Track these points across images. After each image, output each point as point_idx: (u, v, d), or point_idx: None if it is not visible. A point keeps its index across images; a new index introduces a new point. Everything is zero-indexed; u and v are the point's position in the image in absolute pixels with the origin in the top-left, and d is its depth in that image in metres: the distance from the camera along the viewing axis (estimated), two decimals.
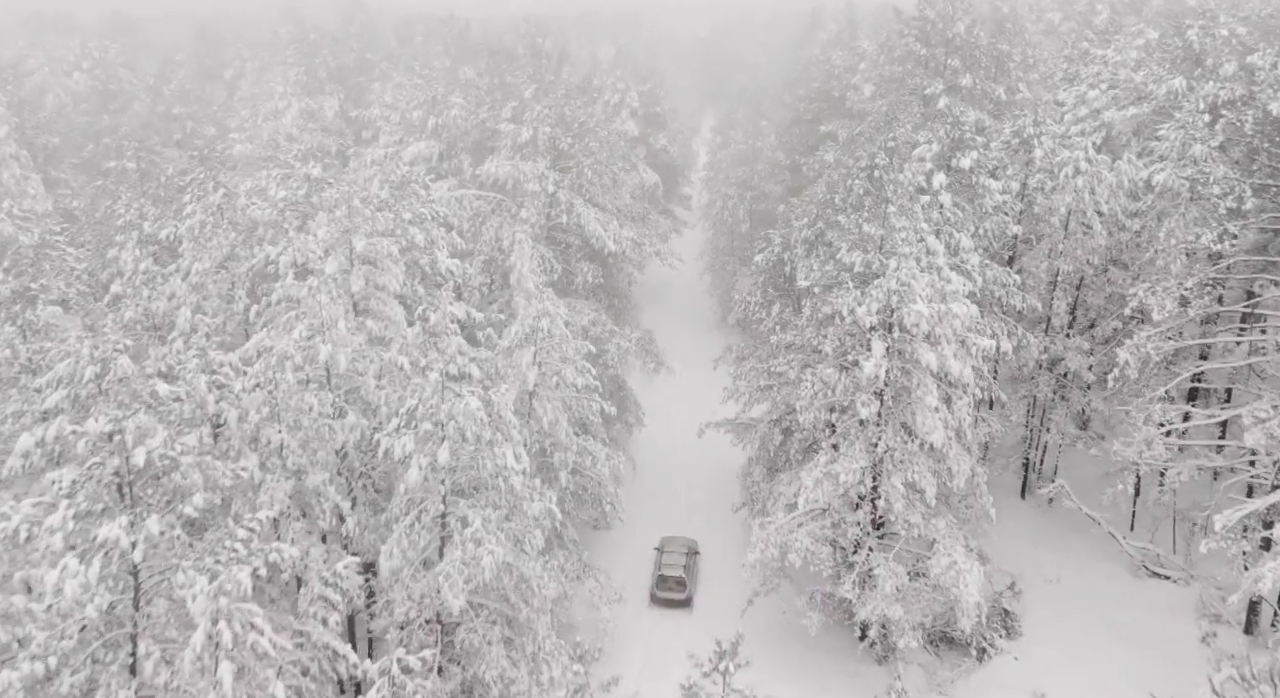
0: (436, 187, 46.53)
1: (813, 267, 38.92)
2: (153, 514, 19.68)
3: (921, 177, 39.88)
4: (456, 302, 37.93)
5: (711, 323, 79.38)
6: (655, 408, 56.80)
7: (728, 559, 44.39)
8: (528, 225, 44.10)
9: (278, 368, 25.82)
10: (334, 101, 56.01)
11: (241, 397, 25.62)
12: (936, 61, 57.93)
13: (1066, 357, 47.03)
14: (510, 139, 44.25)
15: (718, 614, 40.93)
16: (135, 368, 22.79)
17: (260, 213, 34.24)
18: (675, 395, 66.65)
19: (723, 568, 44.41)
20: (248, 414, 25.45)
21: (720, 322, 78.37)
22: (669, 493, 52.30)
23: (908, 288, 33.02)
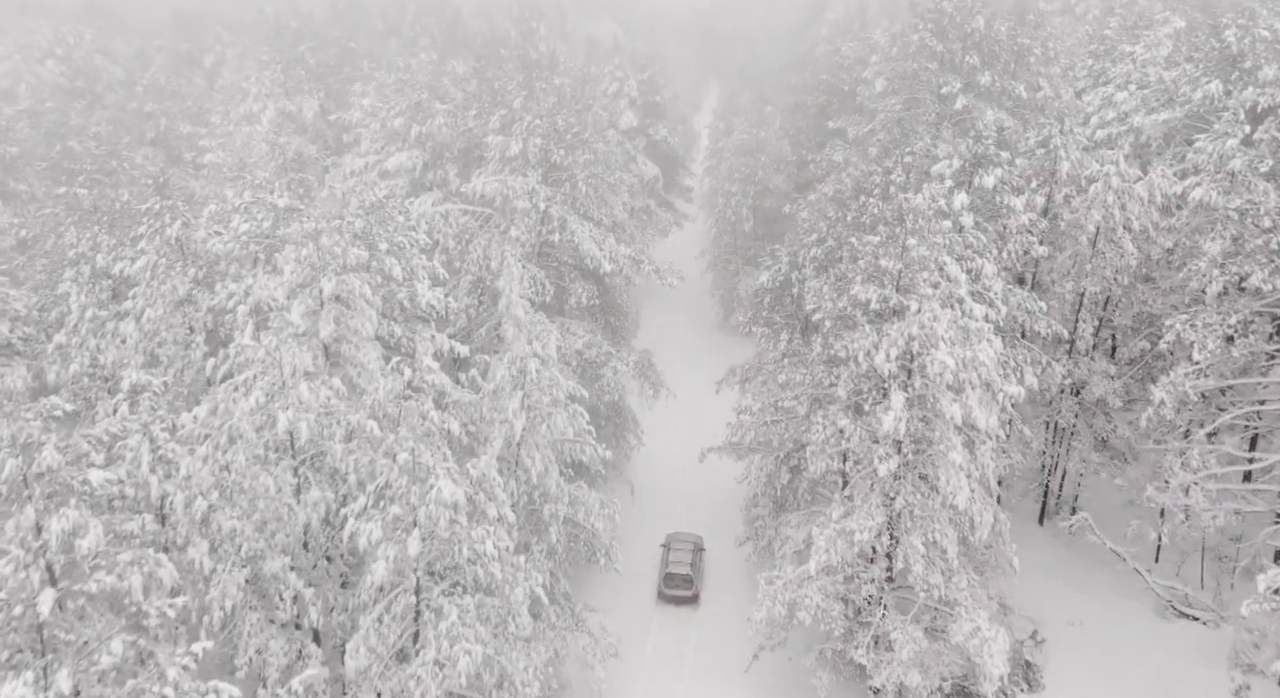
0: (421, 200, 43.50)
1: (824, 294, 35.97)
2: (63, 668, 16.92)
3: (942, 199, 36.83)
4: (439, 335, 35.20)
5: (713, 322, 76.49)
6: (656, 422, 54.07)
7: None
8: (517, 244, 41.08)
9: (228, 446, 22.99)
10: (314, 102, 52.76)
11: (190, 478, 22.81)
12: (953, 58, 54.69)
13: (1091, 381, 44.22)
14: (499, 152, 41.12)
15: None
16: (62, 458, 19.90)
17: (222, 246, 31.27)
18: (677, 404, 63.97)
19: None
20: (195, 499, 22.65)
21: (723, 322, 75.48)
22: (670, 518, 49.57)
23: (930, 333, 30.11)
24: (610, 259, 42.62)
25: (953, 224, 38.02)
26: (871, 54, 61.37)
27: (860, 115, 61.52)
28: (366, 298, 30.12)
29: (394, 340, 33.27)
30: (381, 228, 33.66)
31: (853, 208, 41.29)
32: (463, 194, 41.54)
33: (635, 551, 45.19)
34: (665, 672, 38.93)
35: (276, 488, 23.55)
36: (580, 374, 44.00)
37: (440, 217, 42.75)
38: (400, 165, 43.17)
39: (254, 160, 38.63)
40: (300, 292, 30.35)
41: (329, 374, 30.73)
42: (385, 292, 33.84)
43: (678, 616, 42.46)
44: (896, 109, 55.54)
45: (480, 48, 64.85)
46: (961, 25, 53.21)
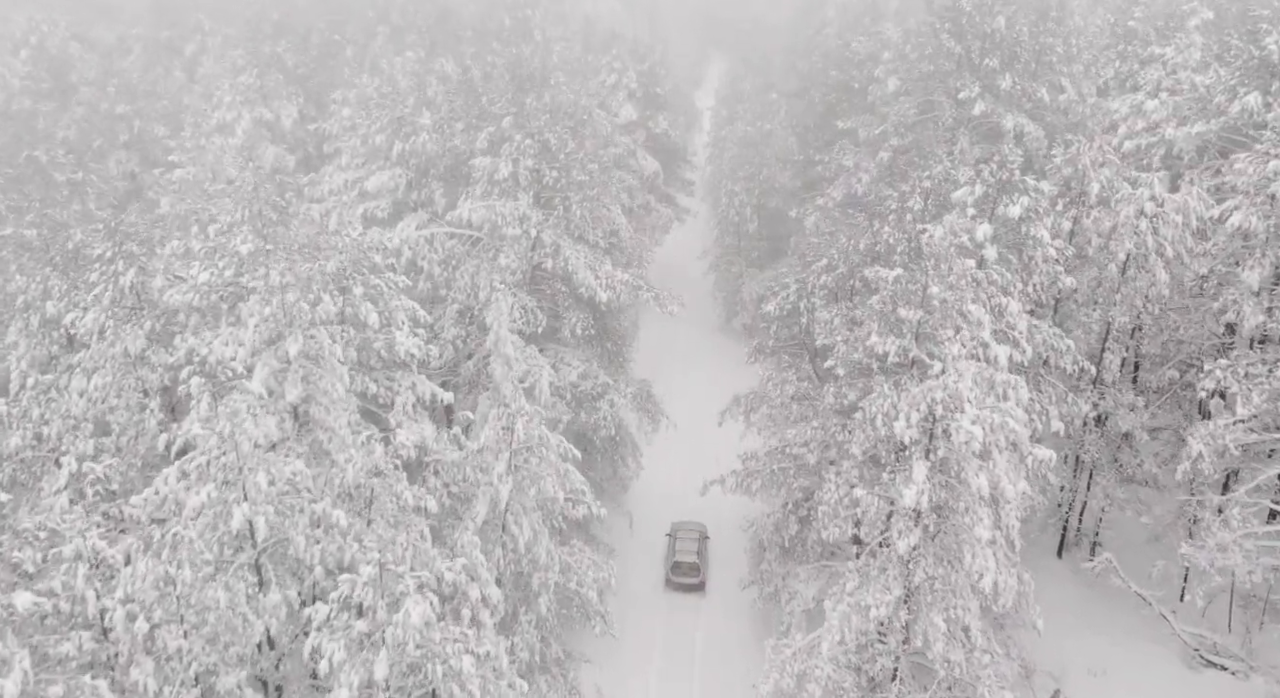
0: (404, 223, 40.72)
1: (835, 329, 33.35)
2: None
3: (965, 236, 34.08)
4: (421, 381, 32.65)
5: (716, 324, 73.84)
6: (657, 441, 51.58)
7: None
8: (507, 272, 38.38)
9: (172, 557, 20.46)
10: (292, 108, 49.59)
11: (133, 593, 20.32)
12: (971, 59, 51.59)
13: (1116, 413, 41.64)
14: (486, 174, 38.28)
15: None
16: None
17: (181, 297, 28.56)
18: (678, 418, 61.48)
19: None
20: (137, 617, 20.17)
21: (725, 324, 72.89)
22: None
23: (954, 394, 27.46)
24: (607, 286, 39.89)
25: (975, 259, 35.30)
26: (884, 50, 58.19)
27: (871, 115, 58.45)
28: (338, 356, 27.46)
29: (370, 393, 30.64)
30: (356, 270, 30.92)
31: (866, 234, 38.49)
32: (450, 216, 38.68)
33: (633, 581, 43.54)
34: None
35: (229, 600, 21.02)
36: (576, 407, 41.52)
37: (425, 241, 40.00)
38: (381, 185, 40.29)
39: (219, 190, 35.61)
40: (264, 350, 27.74)
41: (297, 439, 28.22)
42: (361, 340, 31.21)
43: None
44: (910, 113, 52.53)
45: (472, 39, 61.70)
46: (981, 24, 50.08)
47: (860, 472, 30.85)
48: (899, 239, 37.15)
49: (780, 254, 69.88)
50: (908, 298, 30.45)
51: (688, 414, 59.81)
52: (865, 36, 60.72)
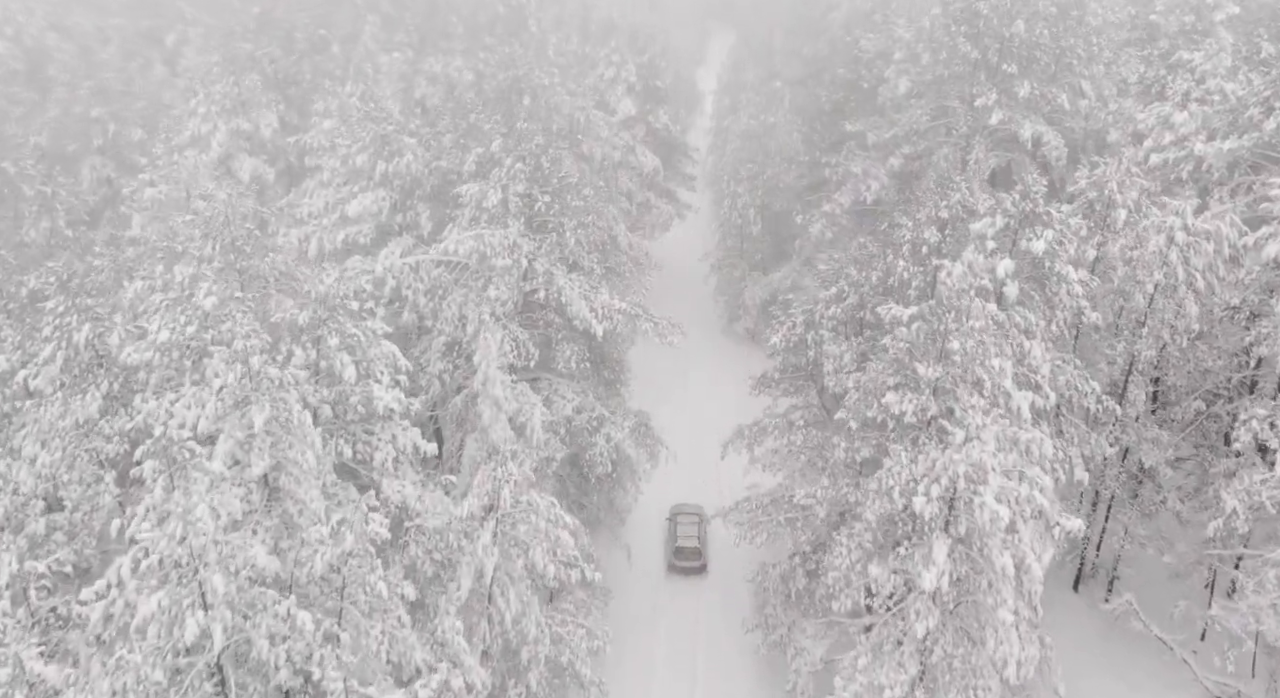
0: (388, 251, 38.35)
1: (848, 388, 31.09)
2: None
3: (986, 277, 31.78)
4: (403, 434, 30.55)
5: (717, 327, 71.43)
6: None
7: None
8: (497, 304, 36.10)
9: (118, 682, 18.39)
10: (272, 116, 46.93)
11: None
12: (988, 64, 48.98)
13: (1140, 449, 39.53)
14: (474, 202, 35.88)
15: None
16: None
17: (139, 357, 26.36)
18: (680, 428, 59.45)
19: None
20: None
21: (727, 326, 70.50)
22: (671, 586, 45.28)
23: (978, 464, 25.32)
24: (603, 317, 37.59)
25: (995, 297, 33.06)
26: (894, 49, 55.49)
27: (880, 117, 55.85)
28: (309, 423, 25.28)
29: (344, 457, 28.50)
30: (331, 318, 28.68)
31: (878, 266, 36.18)
32: (434, 248, 36.33)
33: None
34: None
35: None
36: (571, 441, 39.41)
37: (409, 269, 37.69)
38: (364, 210, 37.87)
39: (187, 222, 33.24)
40: (230, 414, 25.56)
41: (265, 510, 26.11)
42: (336, 393, 29.03)
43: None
44: (923, 120, 49.97)
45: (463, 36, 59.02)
46: (999, 28, 47.41)
47: (874, 535, 28.79)
48: (914, 273, 34.87)
49: (785, 256, 67.55)
50: (925, 352, 28.26)
51: (689, 428, 57.77)
52: (875, 33, 57.90)
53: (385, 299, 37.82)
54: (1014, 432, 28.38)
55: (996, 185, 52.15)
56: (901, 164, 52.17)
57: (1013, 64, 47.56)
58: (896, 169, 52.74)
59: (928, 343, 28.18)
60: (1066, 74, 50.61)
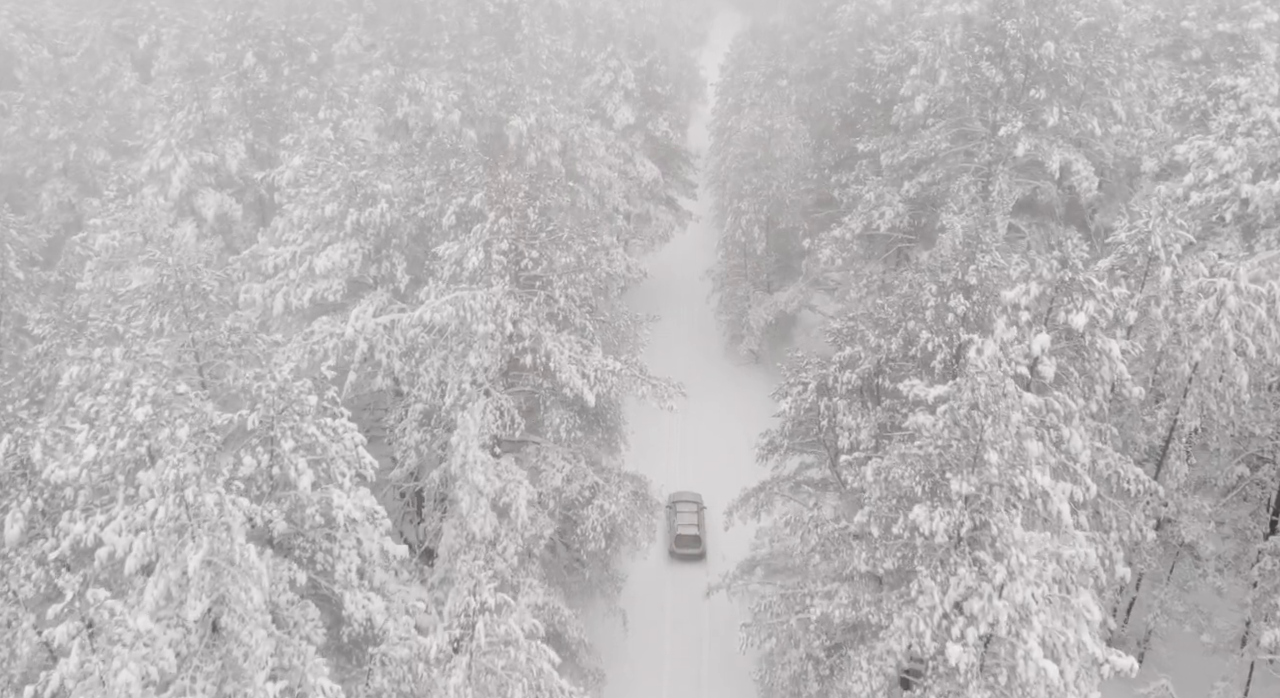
0: (360, 309, 34.94)
1: (870, 490, 27.81)
2: None
3: (1021, 361, 28.45)
4: (369, 541, 27.38)
5: (720, 346, 67.96)
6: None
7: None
8: (479, 371, 32.84)
9: None
10: (240, 145, 43.10)
11: None
12: (1013, 86, 45.33)
13: (1180, 521, 36.43)
14: (453, 261, 32.46)
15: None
16: None
17: (64, 473, 23.14)
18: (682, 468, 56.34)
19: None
20: None
21: (729, 346, 66.99)
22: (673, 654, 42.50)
23: (1021, 607, 22.15)
24: (597, 380, 34.29)
25: (1028, 372, 29.74)
26: (910, 63, 51.76)
27: (894, 134, 52.23)
28: (252, 559, 22.09)
29: (299, 585, 25.31)
30: (286, 417, 25.44)
31: (899, 333, 32.84)
32: (406, 318, 32.96)
33: None
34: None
35: None
36: (561, 516, 36.29)
37: (383, 330, 34.37)
38: (333, 265, 34.40)
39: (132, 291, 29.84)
40: (165, 545, 22.36)
41: (205, 654, 22.96)
42: (292, 500, 25.83)
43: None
44: (942, 144, 46.36)
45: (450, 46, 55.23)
46: (1026, 49, 43.72)
47: (898, 661, 25.67)
48: (938, 344, 31.55)
49: (791, 272, 64.02)
50: (958, 459, 25.01)
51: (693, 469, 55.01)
52: (889, 44, 54.08)
53: (356, 363, 34.54)
54: (1056, 546, 25.24)
55: (1021, 213, 48.74)
56: (918, 191, 48.60)
57: (1041, 88, 43.90)
58: (912, 195, 49.20)
59: (960, 448, 24.90)
60: (1096, 93, 46.92)
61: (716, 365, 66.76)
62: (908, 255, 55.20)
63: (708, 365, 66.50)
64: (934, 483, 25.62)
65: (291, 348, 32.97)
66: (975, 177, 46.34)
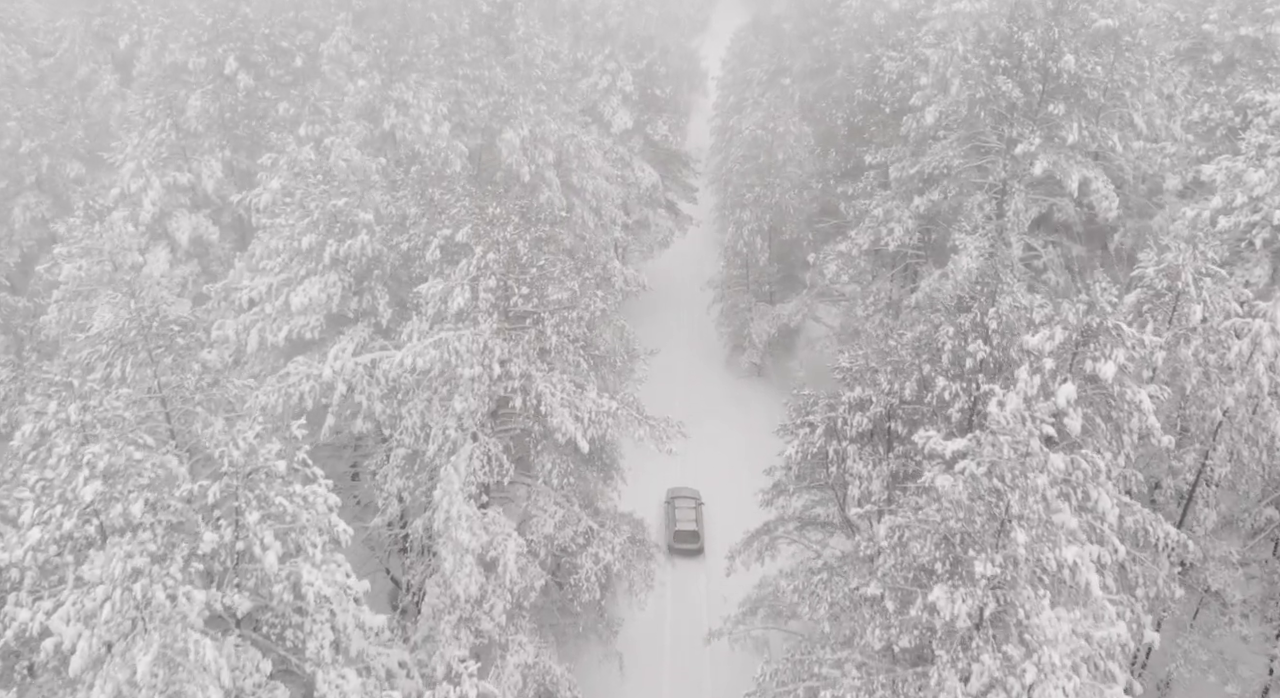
0: (339, 347, 32.91)
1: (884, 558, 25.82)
2: None
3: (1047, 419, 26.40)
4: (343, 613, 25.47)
5: (721, 357, 65.87)
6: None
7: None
8: (465, 416, 30.85)
9: None
10: (216, 164, 40.73)
11: None
12: (1030, 100, 43.14)
13: (1205, 568, 34.54)
14: (437, 300, 30.42)
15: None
16: None
17: (7, 556, 21.21)
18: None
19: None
20: None
21: (730, 357, 64.94)
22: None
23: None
24: (591, 421, 32.28)
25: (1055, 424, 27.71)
26: (920, 72, 49.54)
27: (903, 146, 50.09)
28: (208, 658, 20.14)
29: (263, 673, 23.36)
30: (251, 485, 23.47)
31: (913, 377, 30.82)
32: (385, 364, 30.93)
33: None
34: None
35: None
36: (553, 565, 34.38)
37: (364, 370, 32.35)
38: (311, 300, 32.31)
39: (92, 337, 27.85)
40: (114, 638, 20.43)
41: None
42: (258, 575, 23.87)
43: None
44: (955, 163, 44.19)
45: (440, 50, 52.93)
46: (1045, 62, 41.51)
47: None
48: (956, 393, 29.55)
49: (794, 282, 61.95)
50: (981, 535, 23.04)
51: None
52: (898, 51, 51.80)
53: (335, 406, 32.53)
54: (1087, 627, 23.35)
55: (1036, 230, 46.59)
56: (928, 207, 46.48)
57: (1059, 104, 41.72)
58: (922, 212, 47.07)
59: (983, 523, 22.93)
60: (1116, 104, 44.76)
61: (717, 377, 64.72)
62: (917, 271, 53.14)
63: (708, 378, 64.47)
64: (954, 559, 23.67)
65: (266, 391, 30.97)
66: (989, 194, 44.19)
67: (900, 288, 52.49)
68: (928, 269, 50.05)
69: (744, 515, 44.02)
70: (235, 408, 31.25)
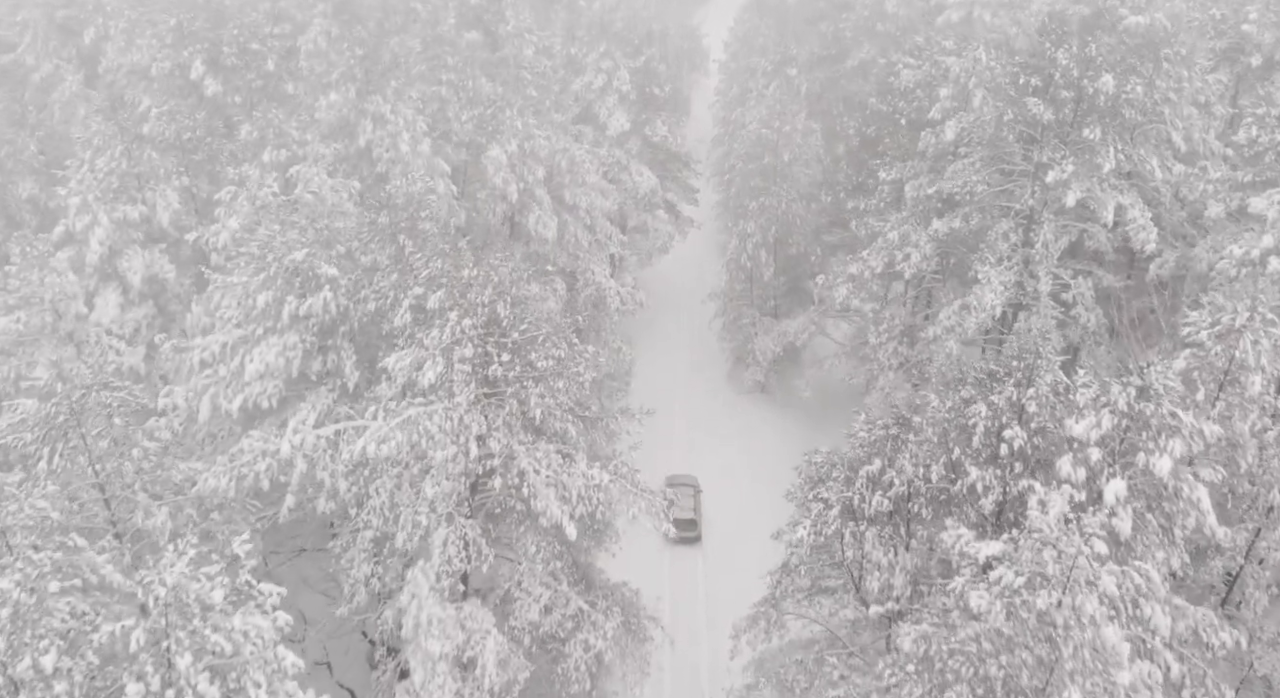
0: (299, 417, 29.68)
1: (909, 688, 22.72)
2: None
3: (1097, 529, 23.19)
4: None
5: (722, 371, 62.46)
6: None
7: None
8: (439, 500, 27.69)
9: None
10: (172, 194, 36.96)
11: None
12: (1062, 121, 39.54)
13: (1254, 651, 31.49)
14: (405, 373, 27.11)
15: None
16: None
17: None
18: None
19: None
20: None
21: (732, 371, 61.56)
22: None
23: None
24: (580, 499, 29.09)
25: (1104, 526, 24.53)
26: (940, 80, 45.84)
27: (920, 160, 46.49)
28: None
29: None
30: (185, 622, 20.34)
31: (940, 459, 27.57)
32: (347, 452, 27.66)
33: None
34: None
35: None
36: (539, 653, 31.29)
37: (326, 444, 29.11)
38: (267, 367, 28.97)
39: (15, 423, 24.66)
40: None
41: None
42: None
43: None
44: (979, 189, 40.65)
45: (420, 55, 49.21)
46: (1079, 82, 37.85)
47: None
48: (989, 484, 26.33)
49: (801, 296, 58.39)
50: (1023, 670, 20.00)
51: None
52: (918, 59, 47.95)
53: (294, 485, 29.30)
54: None
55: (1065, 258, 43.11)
56: (949, 232, 43.03)
57: (1095, 126, 38.09)
58: (941, 235, 43.61)
59: (1028, 674, 19.84)
60: (1154, 121, 41.19)
61: (719, 394, 61.39)
62: (931, 291, 49.76)
63: (709, 393, 61.17)
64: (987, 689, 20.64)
65: (215, 472, 27.72)
66: (1015, 222, 40.74)
67: (915, 313, 49.11)
68: (945, 294, 46.70)
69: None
70: (184, 490, 28.24)
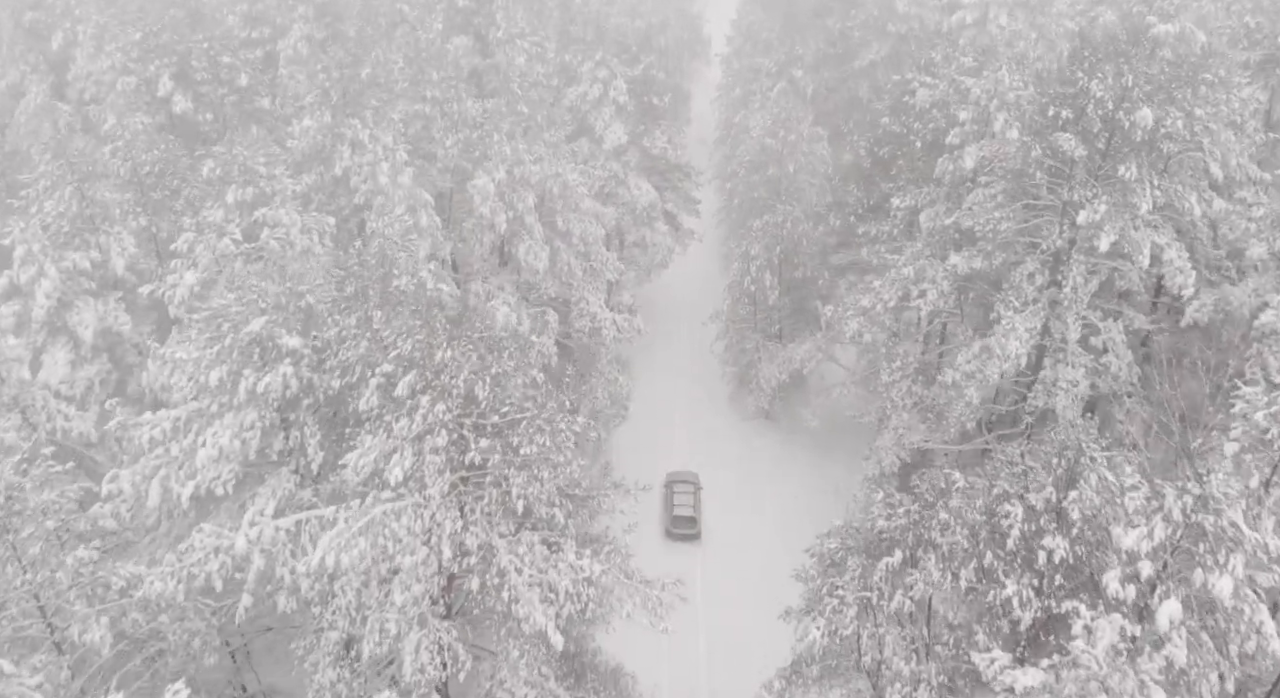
0: (256, 506, 26.84)
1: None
2: None
3: (1151, 671, 20.44)
4: None
5: (724, 397, 59.59)
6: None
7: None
8: (410, 604, 24.93)
9: None
10: (128, 238, 33.79)
11: None
12: (1093, 155, 36.45)
13: None
14: (371, 471, 24.26)
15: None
16: None
17: None
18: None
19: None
20: None
21: (735, 393, 58.68)
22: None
23: None
24: (568, 597, 26.35)
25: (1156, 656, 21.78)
26: (959, 100, 42.69)
27: (936, 187, 43.45)
28: None
29: None
30: None
31: (970, 562, 24.73)
32: (303, 563, 24.76)
33: None
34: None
35: None
36: None
37: (286, 537, 26.29)
38: (221, 451, 26.12)
39: None
40: None
41: None
42: None
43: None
44: (1002, 227, 37.60)
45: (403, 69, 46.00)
46: (1115, 115, 34.71)
47: None
48: (1028, 598, 23.50)
49: (806, 318, 55.29)
50: None
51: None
52: (930, 77, 44.65)
53: (251, 583, 26.47)
54: None
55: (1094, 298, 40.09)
56: (969, 270, 40.03)
57: (1130, 164, 34.99)
58: (960, 271, 40.61)
59: None
60: (1192, 150, 38.11)
61: (721, 417, 58.56)
62: (945, 326, 46.82)
63: (712, 417, 58.37)
64: None
65: (161, 574, 24.90)
66: (1041, 262, 37.75)
67: (929, 349, 46.19)
68: (964, 330, 43.74)
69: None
70: (129, 593, 25.51)
